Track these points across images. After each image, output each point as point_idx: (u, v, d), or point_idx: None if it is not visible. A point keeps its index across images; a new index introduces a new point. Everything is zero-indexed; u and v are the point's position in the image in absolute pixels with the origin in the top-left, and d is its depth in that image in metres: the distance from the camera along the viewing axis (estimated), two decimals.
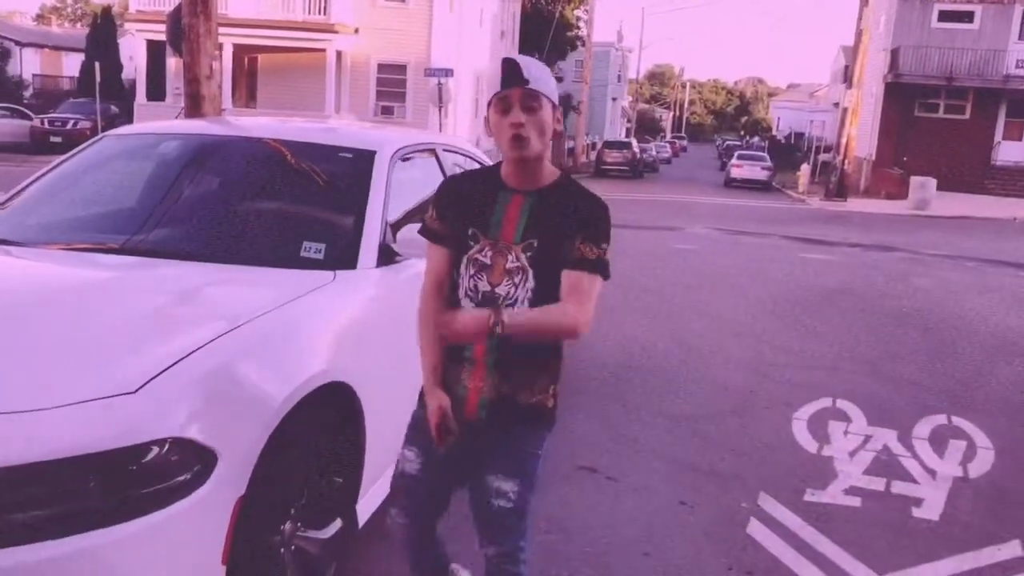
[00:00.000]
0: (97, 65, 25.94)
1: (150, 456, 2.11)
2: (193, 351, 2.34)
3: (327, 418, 2.78)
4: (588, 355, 6.30)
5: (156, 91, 28.31)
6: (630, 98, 72.23)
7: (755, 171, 35.68)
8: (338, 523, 2.92)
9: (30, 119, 28.52)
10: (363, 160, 3.63)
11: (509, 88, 2.13)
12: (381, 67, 28.10)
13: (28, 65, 40.50)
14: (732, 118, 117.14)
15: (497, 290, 2.19)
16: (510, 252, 2.18)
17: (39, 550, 1.98)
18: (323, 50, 27.13)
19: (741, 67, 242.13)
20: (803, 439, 4.90)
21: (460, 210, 2.25)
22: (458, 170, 4.49)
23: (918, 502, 4.14)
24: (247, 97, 29.55)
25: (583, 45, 41.63)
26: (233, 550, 2.29)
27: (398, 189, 3.68)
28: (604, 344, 6.74)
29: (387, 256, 3.37)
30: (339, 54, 27.70)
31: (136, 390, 2.16)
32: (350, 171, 3.64)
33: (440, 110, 24.24)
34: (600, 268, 2.16)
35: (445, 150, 4.50)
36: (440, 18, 28.16)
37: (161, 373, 2.23)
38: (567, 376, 5.59)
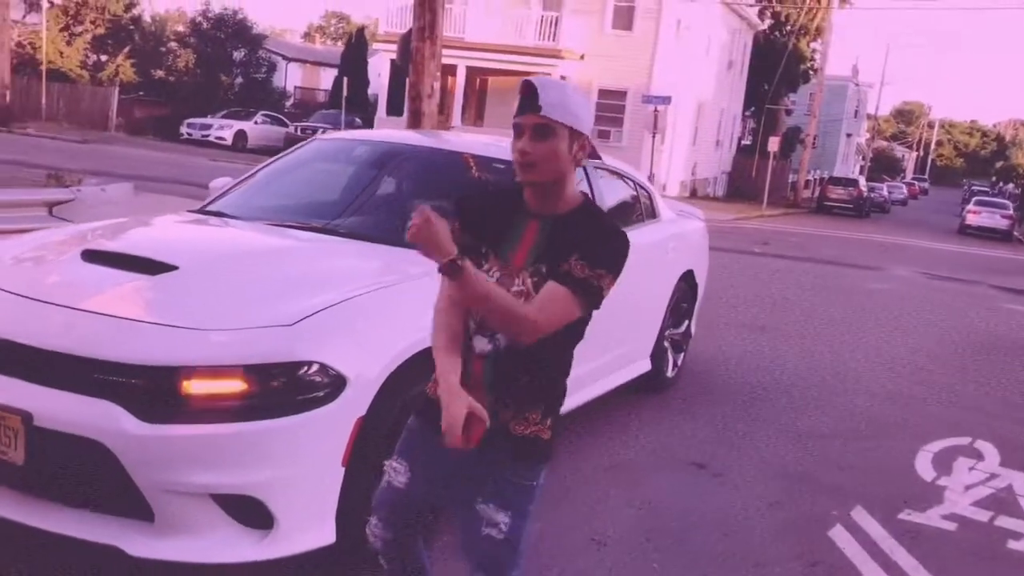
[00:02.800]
0: (345, 80, 28.65)
1: (299, 372, 2.84)
2: (339, 302, 3.08)
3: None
4: (729, 368, 6.61)
5: (395, 106, 30.72)
6: (868, 135, 69.10)
7: (994, 219, 33.26)
8: None
9: (286, 126, 31.92)
10: (509, 169, 4.27)
11: (523, 114, 2.05)
12: (602, 92, 28.96)
13: (291, 78, 44.94)
14: (986, 162, 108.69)
15: None
16: (517, 276, 2.08)
17: (231, 427, 2.75)
18: (548, 75, 28.36)
19: (1003, 108, 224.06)
20: (922, 468, 5.00)
21: (479, 226, 2.18)
22: (604, 186, 5.07)
23: (1018, 536, 4.19)
24: (475, 116, 31.37)
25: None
26: (352, 457, 2.96)
27: None
28: (751, 361, 7.02)
29: None
30: (563, 79, 28.86)
31: (292, 324, 2.91)
32: (504, 177, 4.29)
33: (654, 137, 24.68)
34: (582, 290, 2.02)
35: (596, 167, 5.05)
36: (665, 46, 28.63)
37: (312, 314, 2.97)
38: (698, 380, 6.01)
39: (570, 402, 4.45)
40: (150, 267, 3.22)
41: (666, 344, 5.89)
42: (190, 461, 2.74)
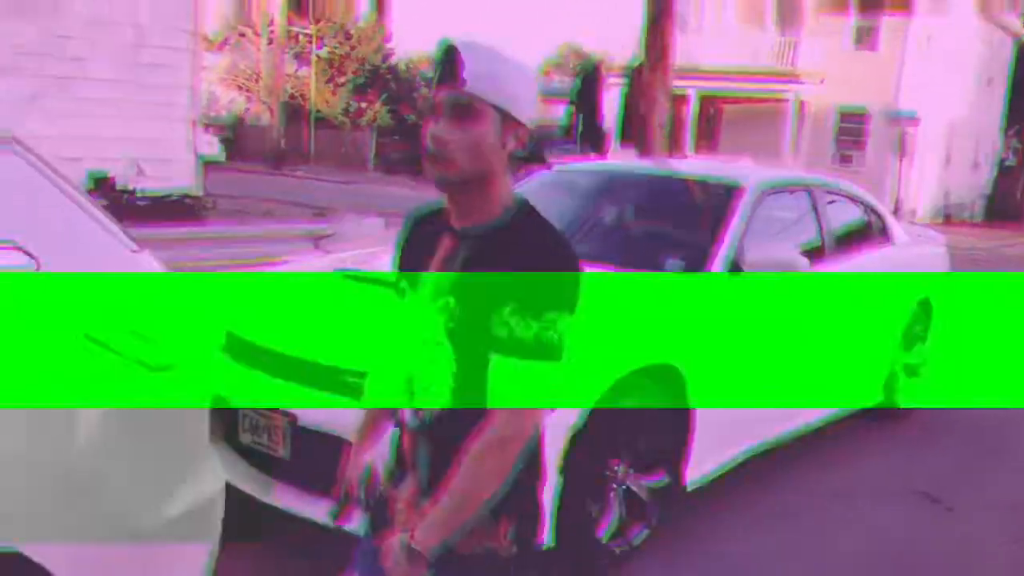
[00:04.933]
0: (578, 114, 29.34)
1: None
2: None
3: (656, 391, 3.54)
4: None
5: (627, 137, 31.12)
6: None
7: None
8: (665, 478, 3.65)
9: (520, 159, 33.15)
10: (730, 192, 4.35)
11: (441, 87, 1.53)
12: (843, 115, 27.73)
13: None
14: None
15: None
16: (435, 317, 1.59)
17: None
18: (785, 98, 27.61)
19: None
20: None
21: (405, 256, 1.72)
22: (832, 209, 4.99)
23: None
24: (708, 144, 31.07)
25: None
26: (566, 466, 3.16)
27: (763, 219, 4.33)
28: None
29: (735, 270, 4.04)
30: (801, 102, 27.96)
31: None
32: (718, 200, 4.38)
33: (901, 159, 23.29)
34: (537, 350, 1.48)
35: (823, 190, 5.00)
36: (911, 63, 27.00)
37: None
38: (937, 409, 5.65)
39: (792, 427, 4.47)
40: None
41: (898, 372, 5.65)
42: None
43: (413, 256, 1.67)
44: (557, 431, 3.11)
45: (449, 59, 1.51)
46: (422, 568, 1.50)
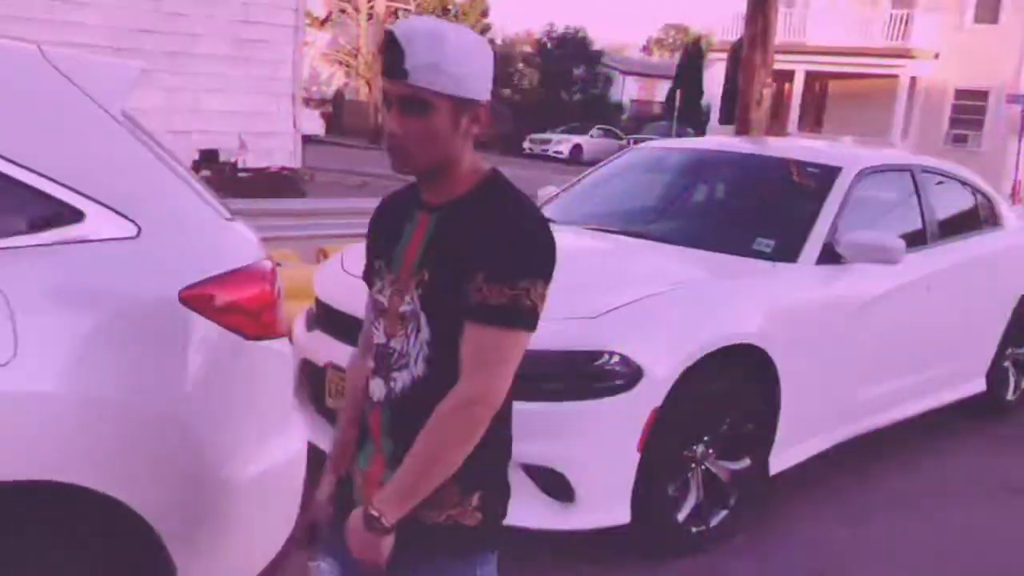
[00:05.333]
0: (678, 92, 28.88)
1: (599, 361, 3.10)
2: (640, 299, 3.30)
3: (741, 373, 3.49)
4: None
5: (727, 116, 30.44)
6: None
7: None
8: (747, 461, 3.60)
9: (620, 139, 32.89)
10: (828, 174, 4.23)
11: (387, 80, 1.50)
12: (959, 93, 26.49)
13: (628, 92, 46.16)
14: None
15: (391, 343, 1.61)
16: (407, 291, 1.59)
17: (541, 406, 3.04)
18: (896, 76, 26.53)
19: None
20: None
21: (379, 239, 1.70)
22: (936, 191, 4.80)
23: None
24: (813, 123, 30.15)
25: None
26: (647, 444, 3.16)
27: (861, 201, 4.20)
28: None
29: (830, 256, 3.93)
30: (913, 80, 26.83)
31: (596, 316, 3.18)
32: (815, 183, 4.26)
33: (1021, 140, 22.12)
34: (511, 317, 1.48)
35: (925, 171, 4.81)
36: None
37: (615, 309, 3.22)
38: None
39: (882, 419, 4.34)
40: None
41: (1007, 364, 5.41)
42: None
43: (385, 235, 1.66)
44: (637, 410, 3.12)
45: (389, 50, 1.47)
46: (382, 536, 1.50)
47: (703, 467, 3.45)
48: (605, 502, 3.16)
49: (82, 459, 1.78)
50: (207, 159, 9.38)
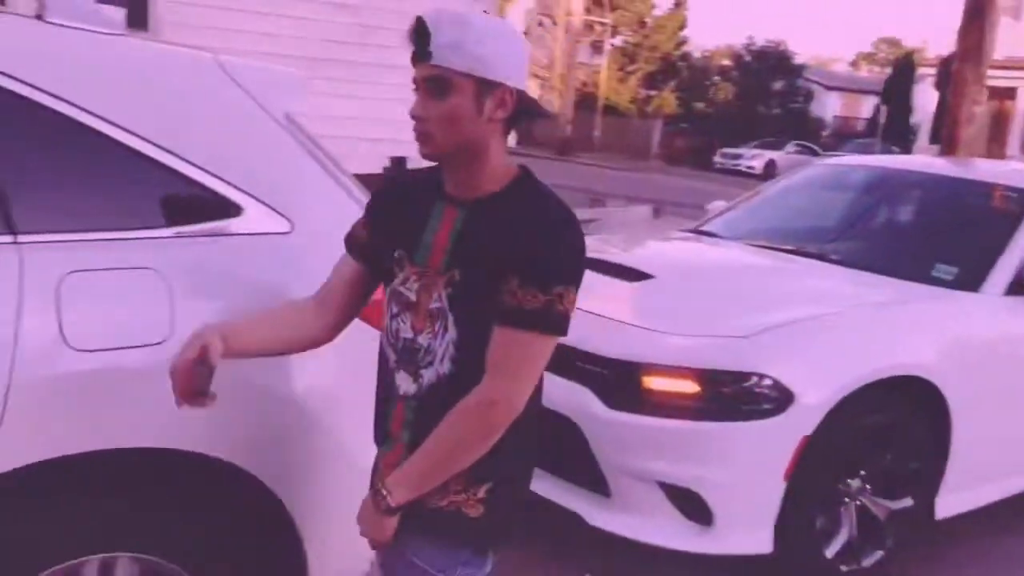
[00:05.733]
0: (883, 108, 27.38)
1: (748, 383, 3.01)
2: (797, 321, 3.18)
3: (908, 406, 3.28)
4: None
5: (937, 135, 28.53)
6: None
7: None
8: (909, 501, 3.37)
9: (817, 155, 31.51)
10: (1021, 199, 3.90)
11: (414, 63, 1.51)
12: None
13: (830, 107, 44.18)
14: None
15: (419, 339, 1.58)
16: (435, 287, 1.56)
17: (681, 424, 3.00)
18: None
19: None
20: None
21: (392, 222, 1.66)
22: None
23: None
24: None
25: None
26: (795, 472, 3.02)
27: None
28: None
29: (1021, 288, 3.62)
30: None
31: (746, 336, 3.09)
32: (1008, 208, 3.94)
33: None
34: (544, 322, 1.48)
35: None
36: None
37: (768, 329, 3.12)
38: None
39: (994, 491, 3.82)
40: (631, 275, 3.64)
41: None
42: (644, 449, 3.06)
43: (402, 222, 1.63)
44: (786, 436, 3.00)
45: (416, 34, 1.48)
46: (389, 517, 1.55)
47: (858, 502, 3.26)
48: (746, 528, 3.05)
49: (224, 436, 1.91)
50: (397, 166, 9.81)
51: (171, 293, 1.86)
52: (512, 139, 1.74)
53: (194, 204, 1.99)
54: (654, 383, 3.07)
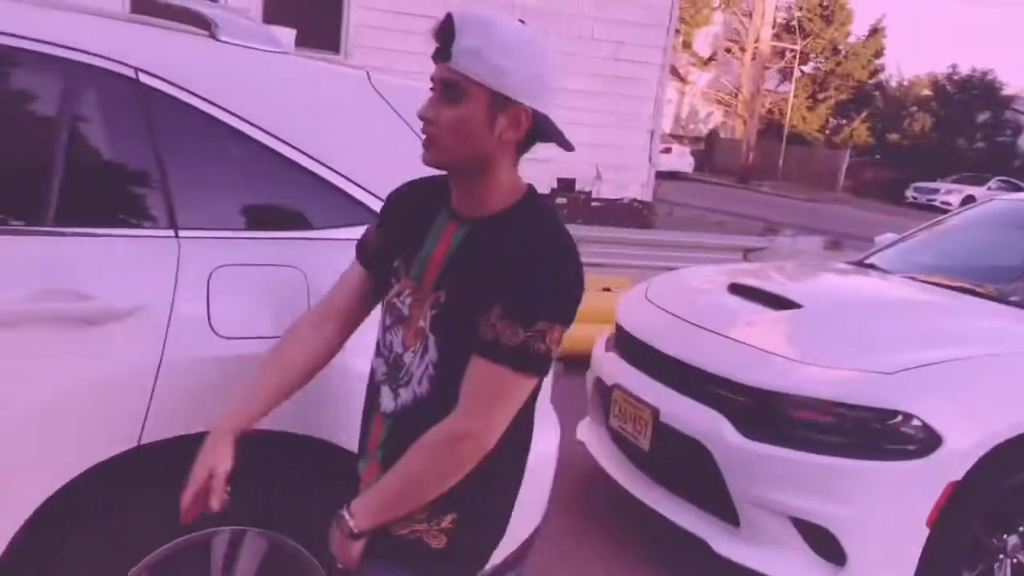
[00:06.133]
0: None
1: (892, 421, 2.87)
2: (951, 360, 3.01)
3: None
4: None
5: None
6: None
7: None
8: None
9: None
10: None
11: (435, 62, 1.43)
12: None
13: None
14: None
15: (405, 356, 1.53)
16: (425, 305, 1.51)
17: (817, 459, 2.90)
18: None
19: None
20: None
21: (400, 227, 1.60)
22: None
23: None
24: None
25: None
26: (939, 520, 2.85)
27: None
28: None
29: None
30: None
31: (891, 372, 2.95)
32: None
33: None
34: (519, 360, 1.40)
35: None
36: None
37: (917, 367, 2.96)
38: None
39: None
40: (779, 303, 3.54)
41: None
42: (776, 481, 2.97)
43: (405, 231, 1.56)
44: (931, 480, 2.83)
45: (442, 32, 1.39)
46: (354, 542, 1.50)
47: (1015, 560, 3.03)
48: (883, 573, 2.90)
49: (332, 419, 1.98)
50: (564, 187, 9.96)
51: (309, 290, 2.01)
52: (690, 165, 1.67)
53: (336, 209, 2.14)
54: (793, 414, 2.99)
